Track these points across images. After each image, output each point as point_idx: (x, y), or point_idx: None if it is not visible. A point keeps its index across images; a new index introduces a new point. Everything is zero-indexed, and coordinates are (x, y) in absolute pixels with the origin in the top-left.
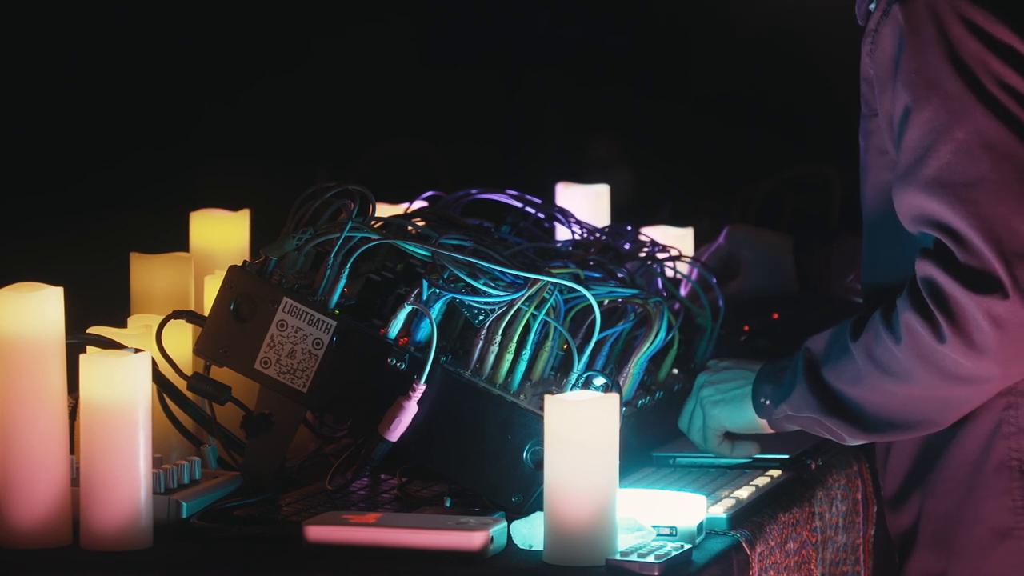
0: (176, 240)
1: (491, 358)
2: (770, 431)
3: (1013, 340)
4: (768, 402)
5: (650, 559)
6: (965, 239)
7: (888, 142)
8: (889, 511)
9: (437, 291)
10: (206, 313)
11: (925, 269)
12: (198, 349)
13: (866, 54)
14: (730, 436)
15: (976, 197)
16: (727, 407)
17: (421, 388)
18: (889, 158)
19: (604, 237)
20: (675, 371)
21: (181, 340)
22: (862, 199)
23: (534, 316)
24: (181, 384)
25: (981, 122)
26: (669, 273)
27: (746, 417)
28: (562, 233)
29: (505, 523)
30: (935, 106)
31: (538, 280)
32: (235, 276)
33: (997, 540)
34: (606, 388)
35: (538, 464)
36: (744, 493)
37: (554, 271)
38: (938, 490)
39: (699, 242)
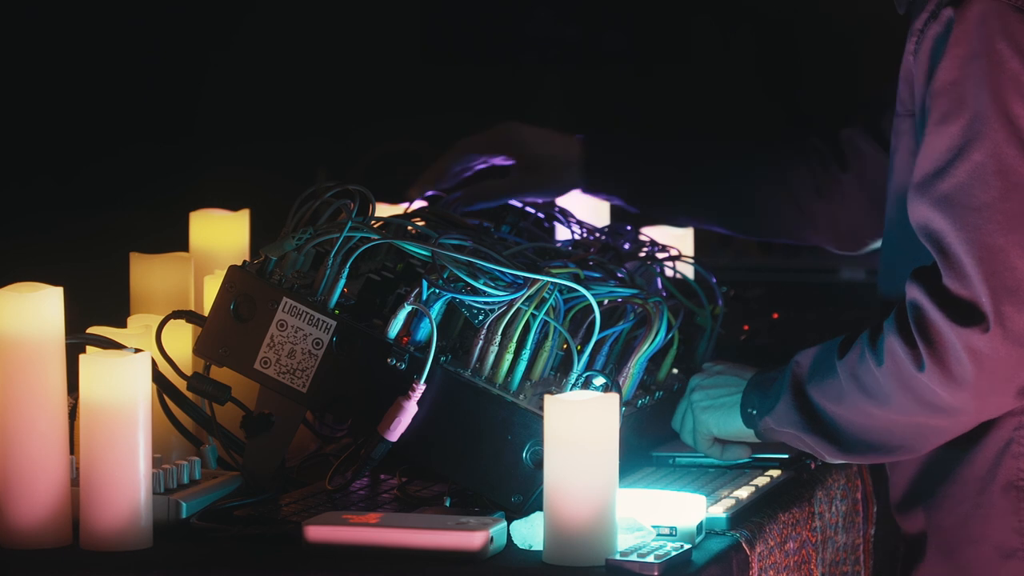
0: (176, 240)
1: (491, 358)
2: (758, 440)
3: (990, 374)
4: (755, 412)
5: (650, 559)
6: (959, 264)
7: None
8: (896, 515)
9: (437, 291)
10: (206, 313)
11: (913, 292)
12: (198, 349)
13: (909, 52)
14: (721, 439)
15: (980, 224)
16: (716, 414)
17: (421, 388)
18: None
19: (604, 237)
20: (675, 371)
21: (181, 340)
22: (887, 199)
23: (534, 316)
24: (181, 384)
25: (1002, 147)
26: (669, 273)
27: (734, 425)
28: (562, 233)
29: (505, 523)
30: (962, 123)
31: (538, 280)
32: (235, 276)
33: (1002, 560)
34: (606, 388)
35: (538, 464)
36: (744, 493)
37: (554, 271)
38: (945, 504)
39: (699, 242)
